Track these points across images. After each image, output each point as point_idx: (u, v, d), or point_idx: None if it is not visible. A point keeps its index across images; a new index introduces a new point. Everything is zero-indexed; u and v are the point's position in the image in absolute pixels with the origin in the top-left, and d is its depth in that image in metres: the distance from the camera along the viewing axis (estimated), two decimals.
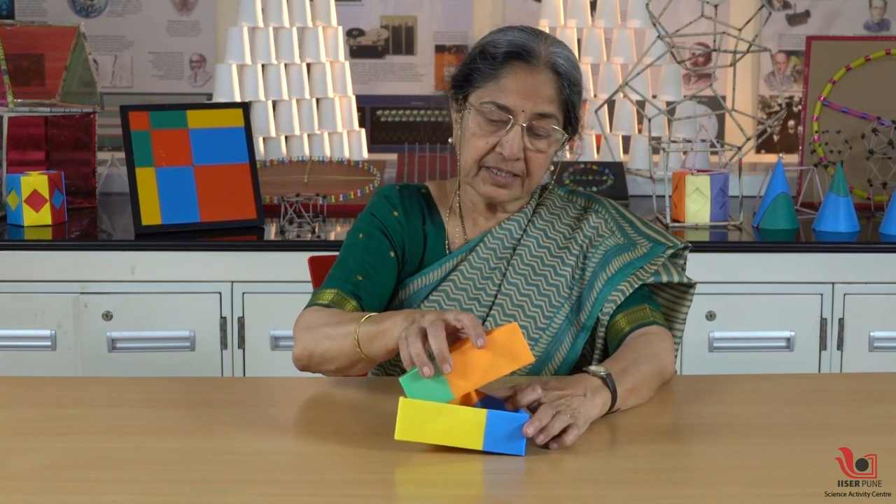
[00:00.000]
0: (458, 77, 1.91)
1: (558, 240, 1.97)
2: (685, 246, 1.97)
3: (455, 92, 1.93)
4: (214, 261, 2.88)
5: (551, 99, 1.86)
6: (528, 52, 1.85)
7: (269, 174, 3.37)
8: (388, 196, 1.98)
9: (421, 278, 1.95)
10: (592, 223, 1.97)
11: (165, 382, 1.91)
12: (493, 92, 1.85)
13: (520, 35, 1.88)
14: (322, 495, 1.42)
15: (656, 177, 3.35)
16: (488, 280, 1.94)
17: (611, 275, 1.90)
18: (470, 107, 1.88)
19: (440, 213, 2.00)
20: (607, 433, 1.63)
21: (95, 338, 2.86)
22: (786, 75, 3.96)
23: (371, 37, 3.93)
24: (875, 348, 2.93)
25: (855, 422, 1.69)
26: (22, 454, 1.52)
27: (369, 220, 1.96)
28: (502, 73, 1.85)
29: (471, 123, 1.88)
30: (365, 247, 1.93)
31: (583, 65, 3.70)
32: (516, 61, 1.85)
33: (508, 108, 1.84)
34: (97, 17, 3.84)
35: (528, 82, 1.84)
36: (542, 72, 1.85)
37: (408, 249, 1.96)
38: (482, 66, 1.87)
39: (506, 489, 1.42)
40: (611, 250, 1.93)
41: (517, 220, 1.97)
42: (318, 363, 1.78)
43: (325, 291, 1.87)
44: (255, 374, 2.85)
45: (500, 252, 1.95)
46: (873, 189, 3.34)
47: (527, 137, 1.86)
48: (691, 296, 1.97)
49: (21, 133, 3.33)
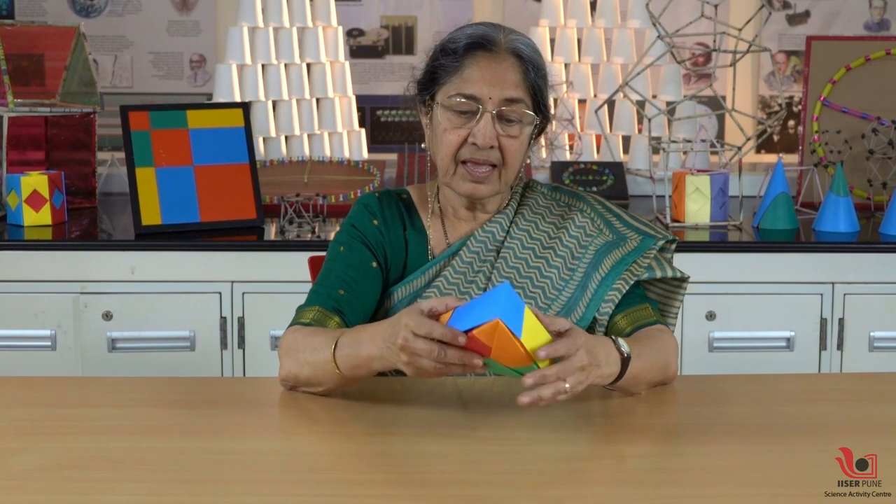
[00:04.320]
0: (423, 78, 1.93)
1: (543, 239, 1.96)
2: (673, 239, 1.97)
3: (422, 94, 1.93)
4: (214, 261, 2.88)
5: (517, 84, 1.86)
6: (489, 41, 1.87)
7: (269, 174, 3.37)
8: (368, 205, 1.98)
9: (405, 286, 1.94)
10: (578, 223, 1.96)
11: (165, 382, 1.91)
12: (459, 84, 1.86)
13: (478, 27, 1.91)
14: (322, 495, 1.42)
15: (656, 177, 3.35)
16: (472, 283, 1.93)
17: (604, 274, 1.89)
18: (438, 104, 1.89)
19: (421, 218, 1.99)
20: (607, 433, 1.63)
21: (95, 338, 2.86)
22: (786, 75, 3.96)
23: (371, 37, 3.93)
24: (875, 348, 2.93)
25: (855, 422, 1.69)
26: (22, 454, 1.52)
27: (350, 232, 1.96)
28: (465, 64, 1.86)
29: (441, 120, 1.88)
30: (347, 260, 1.92)
31: (583, 65, 3.71)
32: (478, 51, 1.86)
33: (476, 97, 1.85)
34: (97, 17, 3.84)
35: (491, 69, 1.85)
36: (505, 58, 1.86)
37: (390, 257, 1.96)
38: (445, 62, 1.88)
39: (506, 489, 1.42)
40: (601, 249, 1.92)
41: (499, 222, 1.96)
42: (306, 386, 1.77)
43: (307, 309, 1.86)
44: (255, 374, 2.85)
45: (484, 255, 1.94)
46: (873, 189, 3.34)
47: (498, 124, 1.86)
48: (684, 290, 1.97)
49: (21, 133, 3.33)
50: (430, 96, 1.91)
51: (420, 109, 1.96)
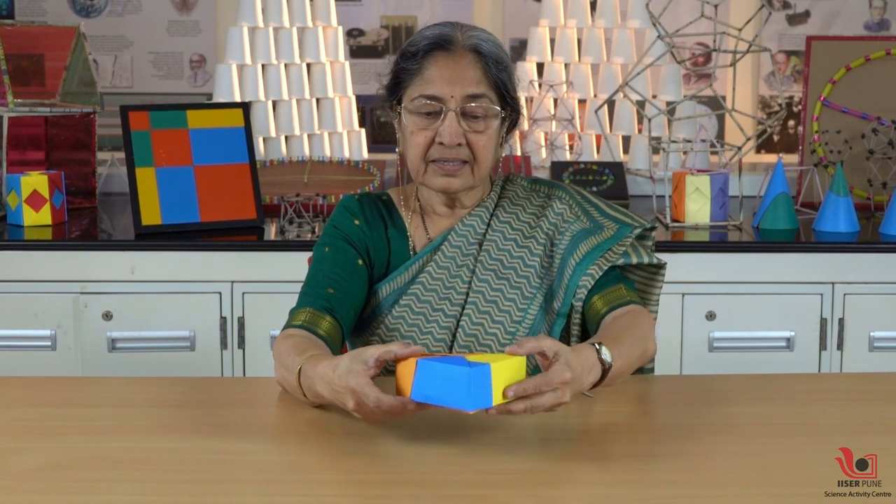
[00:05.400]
0: (389, 83, 1.94)
1: (524, 230, 1.97)
2: (651, 226, 1.97)
3: (389, 99, 1.95)
4: (214, 261, 2.88)
5: (478, 80, 1.87)
6: (446, 40, 1.89)
7: (269, 174, 3.37)
8: (348, 206, 2.00)
9: (388, 284, 1.95)
10: (557, 209, 1.97)
11: (165, 382, 1.91)
12: (421, 86, 1.88)
13: (436, 28, 1.92)
14: (322, 495, 1.42)
15: (656, 177, 3.35)
16: (457, 278, 1.94)
17: (579, 259, 1.90)
18: (404, 108, 1.90)
19: (402, 217, 2.01)
20: (607, 433, 1.63)
21: (95, 338, 2.86)
22: (786, 75, 3.96)
23: (371, 37, 3.93)
24: (875, 348, 2.93)
25: (855, 422, 1.69)
26: (22, 454, 1.53)
27: (332, 233, 1.97)
28: (425, 65, 1.88)
29: (408, 123, 1.90)
30: (333, 259, 1.93)
31: (583, 65, 3.71)
32: (436, 51, 1.88)
33: (438, 97, 1.87)
34: (97, 17, 3.84)
35: (450, 68, 1.87)
36: (464, 55, 1.88)
37: (373, 256, 1.97)
38: (406, 65, 1.90)
39: (506, 489, 1.42)
40: (578, 235, 1.93)
41: (479, 215, 1.97)
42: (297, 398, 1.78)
43: (299, 312, 1.87)
44: (255, 374, 2.85)
45: (466, 249, 1.96)
46: (873, 189, 3.34)
47: (463, 122, 1.87)
48: (662, 276, 1.98)
49: (21, 133, 3.33)
50: (397, 101, 1.92)
51: (391, 115, 1.98)
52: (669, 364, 2.86)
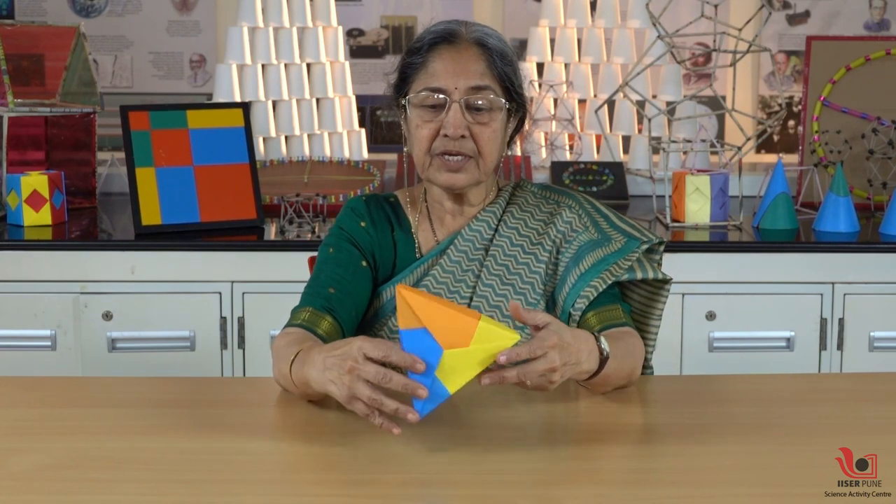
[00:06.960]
0: (396, 81, 1.95)
1: (531, 237, 1.96)
2: (660, 241, 1.96)
3: (396, 96, 1.96)
4: (214, 261, 2.88)
5: (482, 72, 1.88)
6: (451, 34, 1.90)
7: (269, 174, 3.37)
8: (355, 208, 1.99)
9: (393, 287, 1.94)
10: (566, 218, 1.96)
11: (165, 382, 1.91)
12: (425, 79, 1.89)
13: (442, 24, 1.94)
14: (321, 495, 1.42)
15: (656, 177, 3.35)
16: (462, 282, 1.93)
17: (584, 270, 1.89)
18: (409, 102, 1.91)
19: (409, 219, 2.00)
20: (606, 433, 1.63)
21: (95, 338, 2.86)
22: (786, 75, 3.96)
23: (371, 37, 3.93)
24: (875, 348, 2.93)
25: (855, 422, 1.69)
26: (22, 454, 1.53)
27: (337, 234, 1.97)
28: (429, 59, 1.89)
29: (413, 117, 1.90)
30: (336, 260, 1.93)
31: (583, 65, 3.71)
32: (441, 45, 1.90)
33: (442, 89, 1.87)
34: (97, 17, 3.84)
35: (455, 60, 1.88)
36: (469, 48, 1.89)
37: (378, 258, 1.96)
38: (411, 60, 1.91)
39: (506, 489, 1.42)
40: (584, 245, 1.92)
41: (486, 220, 1.97)
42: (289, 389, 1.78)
43: (300, 311, 1.87)
44: (255, 374, 2.85)
45: (472, 253, 1.95)
46: (873, 189, 3.34)
47: (467, 114, 1.87)
48: (667, 292, 1.96)
49: (21, 133, 3.33)
50: (404, 97, 1.93)
51: (398, 113, 1.98)
52: (669, 364, 2.86)
